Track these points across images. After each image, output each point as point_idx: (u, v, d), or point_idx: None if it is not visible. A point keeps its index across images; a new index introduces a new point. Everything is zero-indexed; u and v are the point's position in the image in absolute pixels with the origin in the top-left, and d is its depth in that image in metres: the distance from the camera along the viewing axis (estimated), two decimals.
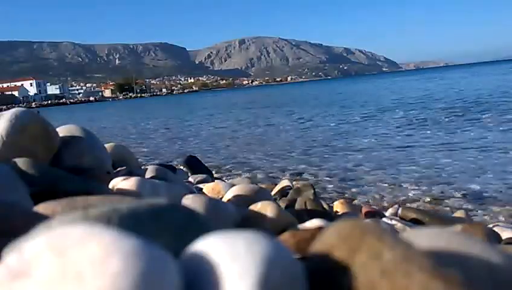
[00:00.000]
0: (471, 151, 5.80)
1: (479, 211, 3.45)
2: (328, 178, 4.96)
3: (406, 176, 4.76)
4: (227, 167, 6.15)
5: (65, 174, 1.12)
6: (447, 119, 9.45)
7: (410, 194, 4.07)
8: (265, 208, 1.16)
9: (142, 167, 2.05)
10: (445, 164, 5.18)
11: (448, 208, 3.58)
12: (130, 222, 0.50)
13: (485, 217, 3.31)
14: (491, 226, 2.34)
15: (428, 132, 7.94)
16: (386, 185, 4.45)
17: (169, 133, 12.35)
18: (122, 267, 0.35)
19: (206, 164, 4.36)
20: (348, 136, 8.37)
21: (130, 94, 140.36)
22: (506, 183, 4.11)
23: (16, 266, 0.36)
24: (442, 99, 14.88)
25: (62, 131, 1.48)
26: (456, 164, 5.10)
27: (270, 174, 5.39)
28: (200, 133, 11.58)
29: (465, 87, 20.48)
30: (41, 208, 0.72)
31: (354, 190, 4.37)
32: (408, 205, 3.51)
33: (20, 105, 62.26)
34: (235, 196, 1.46)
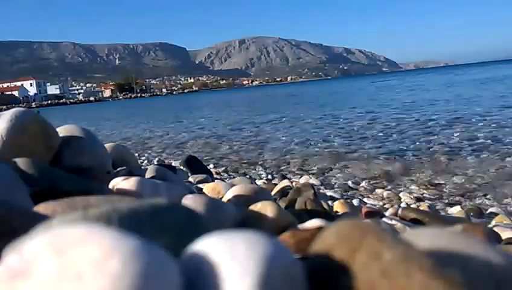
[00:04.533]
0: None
1: (479, 210, 3.44)
2: None
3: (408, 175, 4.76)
4: None
5: (65, 174, 1.12)
6: None
7: (410, 193, 4.07)
8: (265, 208, 1.15)
9: (142, 167, 2.05)
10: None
11: (449, 208, 3.57)
12: (130, 222, 0.50)
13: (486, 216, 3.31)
14: (491, 226, 2.34)
15: None
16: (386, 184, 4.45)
17: None
18: (122, 267, 0.35)
19: None
20: None
21: (130, 94, 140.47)
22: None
23: (16, 266, 0.36)
24: None
25: (62, 131, 1.48)
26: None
27: None
28: None
29: None
30: (41, 208, 0.72)
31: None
32: (408, 205, 3.50)
33: (20, 105, 62.25)
34: (235, 196, 1.46)
